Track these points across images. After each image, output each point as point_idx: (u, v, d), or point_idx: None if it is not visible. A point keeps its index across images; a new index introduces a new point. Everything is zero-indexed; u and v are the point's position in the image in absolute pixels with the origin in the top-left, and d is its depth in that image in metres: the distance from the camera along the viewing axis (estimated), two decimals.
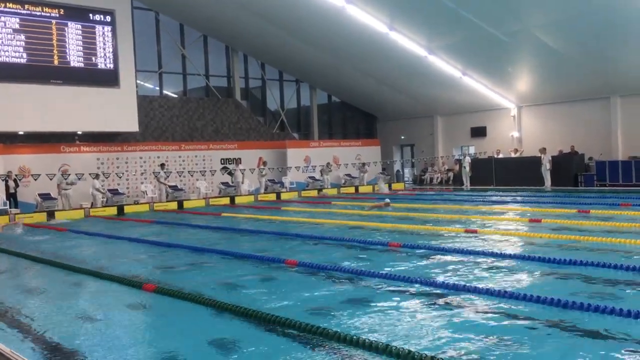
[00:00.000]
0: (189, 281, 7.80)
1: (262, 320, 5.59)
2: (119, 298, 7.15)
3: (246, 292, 7.08)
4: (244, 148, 25.39)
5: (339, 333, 4.93)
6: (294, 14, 22.83)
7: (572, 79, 22.94)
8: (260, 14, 23.52)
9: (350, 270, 7.81)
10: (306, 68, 29.09)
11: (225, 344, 5.09)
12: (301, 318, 5.44)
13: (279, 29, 24.47)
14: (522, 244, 9.66)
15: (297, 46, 25.81)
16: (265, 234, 12.35)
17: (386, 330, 5.18)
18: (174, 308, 6.50)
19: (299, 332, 5.16)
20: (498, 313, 5.59)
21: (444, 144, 30.22)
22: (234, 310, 5.96)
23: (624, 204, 14.79)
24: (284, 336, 5.17)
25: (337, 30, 23.03)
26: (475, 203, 17.26)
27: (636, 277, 6.79)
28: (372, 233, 11.61)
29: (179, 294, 6.90)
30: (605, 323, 5.07)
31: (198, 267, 8.99)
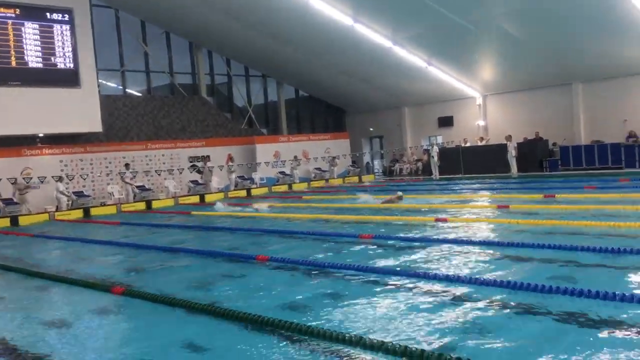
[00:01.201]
0: (159, 282, 7.64)
1: (235, 319, 5.48)
2: (86, 302, 6.95)
3: (218, 290, 6.96)
4: (212, 145, 25.11)
5: (315, 328, 4.87)
6: (257, 9, 22.61)
7: (534, 67, 23.31)
8: (224, 9, 23.25)
9: (322, 264, 7.76)
10: (272, 63, 28.89)
11: (198, 346, 4.97)
12: (275, 314, 5.36)
13: (243, 25, 24.22)
14: (492, 231, 9.77)
15: (263, 41, 25.59)
16: (237, 231, 12.23)
17: (361, 323, 5.14)
18: (143, 311, 6.34)
19: (274, 329, 5.08)
20: (471, 300, 5.60)
21: (412, 135, 30.43)
22: (206, 310, 5.86)
23: (588, 186, 15.10)
24: (259, 334, 5.09)
25: (302, 24, 22.91)
26: (444, 192, 17.41)
27: (602, 259, 6.90)
28: (342, 226, 11.60)
29: (148, 295, 6.75)
30: (573, 306, 5.12)
31: (168, 267, 8.82)
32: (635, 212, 10.26)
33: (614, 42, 20.12)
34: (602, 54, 21.08)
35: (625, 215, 10.00)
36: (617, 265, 6.51)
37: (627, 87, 22.29)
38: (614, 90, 22.71)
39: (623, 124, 21.94)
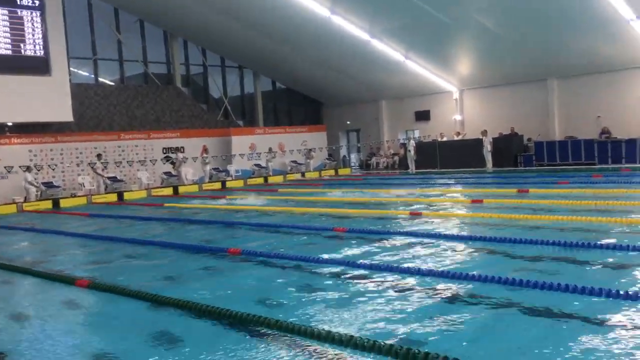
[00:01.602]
0: (128, 275, 7.47)
1: (204, 313, 5.34)
2: (50, 296, 6.74)
3: (187, 284, 6.81)
4: (187, 136, 24.76)
5: (286, 322, 4.76)
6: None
7: (511, 62, 23.44)
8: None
9: (295, 257, 7.64)
10: (249, 54, 28.57)
11: (165, 340, 4.82)
12: (245, 308, 5.24)
13: (219, 14, 23.89)
14: (465, 225, 9.76)
15: (239, 32, 25.28)
16: (210, 224, 12.04)
17: (333, 317, 5.04)
18: (110, 304, 6.17)
19: (243, 323, 4.95)
20: (444, 294, 5.54)
21: (389, 129, 30.43)
22: (174, 304, 5.70)
23: (561, 182, 15.23)
24: (227, 328, 4.96)
25: (279, 14, 22.67)
26: (420, 186, 17.40)
27: (574, 253, 6.91)
28: (317, 218, 11.49)
29: (115, 288, 6.55)
30: (543, 299, 5.10)
31: (137, 260, 8.62)
32: (606, 207, 10.34)
33: (589, 39, 20.32)
34: (577, 51, 21.29)
35: (597, 210, 10.07)
36: (587, 260, 6.52)
37: (601, 84, 22.55)
38: (588, 86, 22.97)
39: (597, 121, 22.20)
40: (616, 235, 7.80)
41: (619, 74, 21.99)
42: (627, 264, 6.25)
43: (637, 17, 18.11)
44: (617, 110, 22.07)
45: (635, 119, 21.29)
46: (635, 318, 4.55)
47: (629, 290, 5.07)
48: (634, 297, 4.91)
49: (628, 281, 5.60)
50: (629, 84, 21.97)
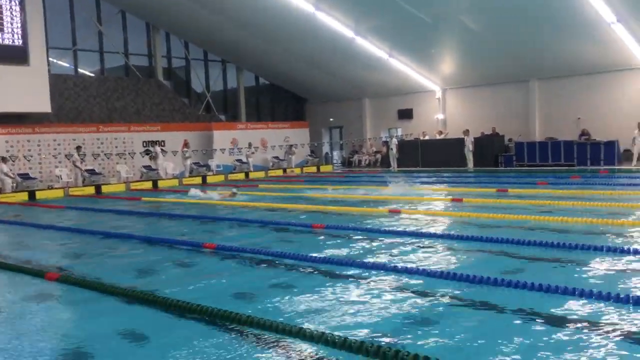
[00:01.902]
0: (101, 269, 7.36)
1: (177, 309, 5.24)
2: (18, 289, 6.58)
3: (161, 279, 6.71)
4: (168, 130, 24.50)
5: (258, 318, 4.67)
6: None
7: (493, 63, 23.55)
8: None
9: (272, 253, 7.56)
10: (232, 48, 28.34)
11: (137, 336, 4.73)
12: (220, 304, 5.15)
13: (203, 7, 23.64)
14: (444, 223, 9.75)
15: (223, 26, 25.05)
16: (188, 218, 11.90)
17: (310, 314, 4.98)
18: (81, 298, 6.02)
19: (217, 320, 4.86)
20: (420, 292, 5.51)
21: (372, 126, 30.43)
22: (146, 299, 5.59)
23: (540, 182, 15.33)
24: (202, 324, 4.87)
25: (263, 9, 22.49)
26: (401, 184, 17.38)
27: (552, 253, 6.92)
28: (296, 215, 11.42)
29: (87, 283, 6.42)
30: (520, 299, 5.08)
31: (112, 254, 8.47)
32: (584, 208, 10.41)
33: (571, 42, 20.49)
34: (558, 53, 21.46)
35: (575, 211, 10.13)
36: (566, 260, 6.53)
37: (581, 86, 22.76)
38: (569, 88, 23.18)
39: (576, 122, 22.41)
40: (594, 236, 7.84)
41: (600, 76, 22.21)
42: (606, 265, 6.27)
43: (618, 19, 18.27)
44: (596, 112, 22.30)
45: (615, 122, 21.53)
46: (617, 320, 4.55)
47: (610, 292, 5.07)
48: (614, 298, 4.91)
49: (606, 282, 5.62)
50: (609, 87, 22.20)
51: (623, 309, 4.72)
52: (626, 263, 6.27)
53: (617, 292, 5.03)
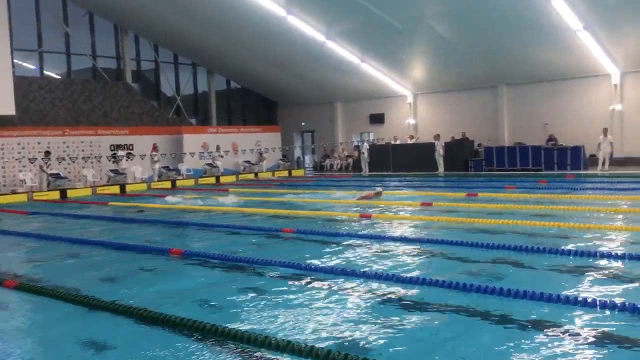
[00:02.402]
0: (63, 276, 7.13)
1: (142, 318, 5.08)
2: None
3: (126, 286, 6.52)
4: (137, 134, 24.06)
5: (222, 327, 4.56)
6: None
7: (463, 68, 23.81)
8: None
9: (240, 259, 7.43)
10: (203, 51, 28.07)
11: (99, 347, 4.55)
12: (185, 312, 5.02)
13: (172, 10, 23.36)
14: (414, 227, 9.74)
15: (192, 28, 24.78)
16: (155, 223, 11.65)
17: (278, 322, 4.88)
18: (40, 307, 5.84)
19: (183, 329, 4.72)
20: (390, 297, 5.46)
21: (344, 131, 30.46)
22: (109, 308, 5.41)
23: (509, 186, 15.50)
24: (165, 334, 4.73)
25: (234, 12, 22.32)
26: (372, 188, 17.38)
27: (520, 257, 6.95)
28: (266, 219, 11.29)
29: (46, 290, 6.19)
30: (487, 303, 5.06)
31: (75, 260, 8.23)
32: (551, 211, 10.53)
33: (538, 48, 20.83)
34: (526, 59, 21.80)
35: (542, 214, 10.23)
36: (533, 264, 6.56)
37: (548, 92, 23.16)
38: (536, 94, 23.56)
39: (544, 128, 22.78)
40: (560, 240, 7.91)
41: (567, 82, 22.64)
42: (572, 268, 6.31)
43: (584, 27, 18.64)
44: (563, 118, 22.71)
45: (581, 127, 21.93)
46: (581, 323, 4.55)
47: (576, 296, 5.09)
48: (581, 302, 4.93)
49: (573, 285, 5.64)
50: (575, 93, 22.63)
51: (591, 312, 4.74)
52: (593, 266, 6.33)
53: (580, 295, 5.06)
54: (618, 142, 21.05)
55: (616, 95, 21.77)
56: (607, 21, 18.56)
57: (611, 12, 17.93)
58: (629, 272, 6.02)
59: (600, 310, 4.77)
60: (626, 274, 5.96)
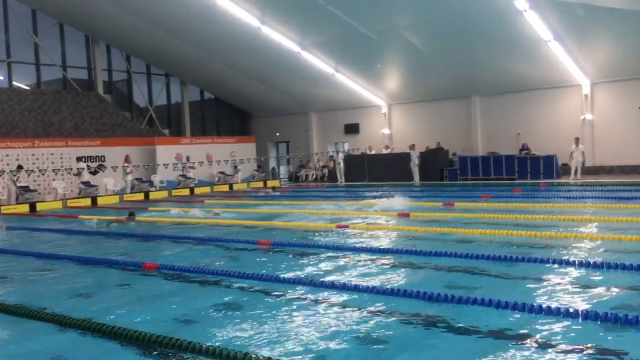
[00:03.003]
0: (32, 293, 6.89)
1: (114, 335, 4.90)
2: None
3: (98, 302, 6.32)
4: (108, 145, 23.65)
5: (199, 345, 4.40)
6: (160, 4, 21.62)
7: (437, 79, 24.02)
8: (122, 2, 22.01)
9: (216, 272, 7.27)
10: (176, 62, 27.79)
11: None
12: (160, 329, 4.87)
13: (144, 20, 23.10)
14: (392, 238, 9.69)
15: (165, 39, 24.51)
16: (127, 237, 11.38)
17: (255, 338, 4.76)
18: (9, 325, 5.61)
19: (157, 346, 4.55)
20: (368, 309, 5.37)
21: (319, 141, 30.43)
22: (81, 325, 5.21)
23: (484, 196, 15.59)
24: (141, 352, 4.56)
25: (207, 22, 22.14)
26: (348, 199, 17.36)
27: (497, 267, 6.93)
28: (242, 232, 11.11)
29: (15, 308, 5.95)
30: (463, 313, 5.01)
31: (45, 276, 7.96)
32: (525, 221, 10.58)
33: (511, 59, 21.13)
34: (499, 69, 22.10)
35: (517, 224, 10.28)
36: (510, 274, 6.54)
37: (521, 102, 23.48)
38: (509, 104, 23.87)
39: (517, 137, 23.05)
40: (535, 249, 7.93)
41: (538, 92, 22.99)
42: (547, 277, 6.31)
43: (554, 38, 18.97)
44: (536, 127, 23.02)
45: (553, 137, 22.26)
46: (553, 333, 4.52)
47: (549, 305, 5.07)
48: (554, 312, 4.90)
49: (546, 295, 5.63)
50: (546, 103, 22.99)
51: (565, 321, 4.71)
52: (567, 275, 6.34)
53: (554, 304, 5.04)
54: (589, 151, 21.42)
55: (587, 105, 22.17)
56: (577, 32, 18.92)
57: (581, 23, 18.28)
58: (600, 280, 6.05)
59: (574, 320, 4.75)
60: (597, 282, 5.99)
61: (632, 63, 20.03)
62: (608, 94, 21.85)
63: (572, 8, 17.24)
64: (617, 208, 11.91)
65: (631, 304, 5.16)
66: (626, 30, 18.13)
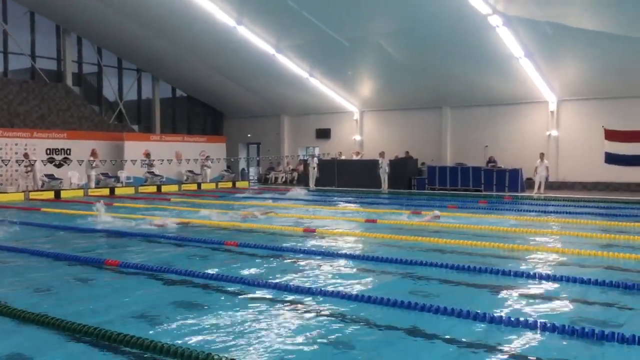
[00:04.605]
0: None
1: (74, 332, 4.81)
2: None
3: (58, 298, 6.19)
4: (75, 138, 23.20)
5: (164, 344, 4.34)
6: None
7: (409, 88, 24.29)
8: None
9: (180, 271, 7.19)
10: (148, 57, 27.47)
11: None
12: (120, 327, 4.78)
13: (118, 13, 22.76)
14: (358, 244, 9.74)
15: (139, 33, 24.20)
16: (91, 232, 11.17)
17: (218, 338, 4.72)
18: None
19: (119, 345, 4.48)
20: (332, 314, 5.39)
21: (290, 144, 30.42)
22: (40, 321, 5.10)
23: (451, 206, 15.80)
24: (102, 349, 4.49)
25: (183, 20, 21.99)
26: (317, 203, 17.39)
27: (459, 276, 7.03)
28: (209, 232, 11.02)
29: None
30: (426, 321, 5.08)
31: (3, 270, 7.74)
32: (490, 232, 10.77)
33: (482, 73, 21.53)
34: (470, 83, 22.48)
35: (482, 234, 10.45)
36: (473, 283, 6.64)
37: (490, 116, 23.93)
38: (478, 117, 24.30)
39: (484, 150, 23.46)
40: (499, 260, 8.07)
41: (507, 107, 23.47)
42: (510, 288, 6.43)
43: (525, 55, 19.39)
44: (503, 141, 23.48)
45: (519, 151, 22.73)
46: (515, 344, 4.61)
47: (510, 316, 5.16)
48: (514, 323, 4.99)
49: (507, 305, 5.74)
50: (514, 118, 23.48)
51: (524, 332, 4.81)
52: (527, 286, 6.47)
53: (514, 315, 5.14)
54: (553, 167, 21.94)
55: (553, 122, 22.72)
56: (546, 50, 19.39)
57: (550, 42, 18.74)
58: (557, 293, 6.20)
59: (533, 331, 4.85)
60: (554, 294, 6.14)
61: (598, 82, 20.64)
62: (573, 112, 22.43)
63: (542, 26, 17.66)
64: (577, 223, 12.21)
65: (587, 317, 5.30)
66: (594, 50, 18.68)
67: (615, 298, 5.95)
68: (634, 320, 5.26)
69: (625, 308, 5.62)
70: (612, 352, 4.41)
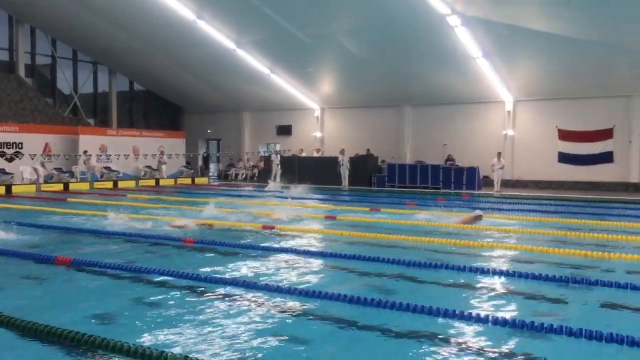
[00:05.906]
0: None
1: (24, 330, 4.68)
2: None
3: (7, 295, 5.96)
4: (27, 131, 22.45)
5: (114, 342, 4.24)
6: None
7: (369, 86, 24.43)
8: None
9: (136, 269, 7.04)
10: (105, 50, 26.80)
11: None
12: (72, 325, 4.67)
13: (73, 4, 22.10)
14: (317, 240, 9.75)
15: (95, 25, 23.57)
16: (42, 228, 10.83)
17: (174, 337, 4.64)
18: None
19: (70, 342, 4.37)
20: (290, 311, 5.38)
21: (251, 140, 30.23)
22: None
23: (409, 203, 15.99)
24: (53, 347, 4.37)
25: (141, 11, 21.57)
26: (277, 199, 17.31)
27: (418, 272, 7.11)
28: (165, 228, 10.82)
29: None
30: (382, 317, 5.11)
31: None
32: (447, 229, 10.94)
33: (441, 72, 21.83)
34: (429, 81, 22.77)
35: (439, 232, 10.60)
36: (432, 280, 6.73)
37: (448, 114, 24.31)
38: (437, 115, 24.65)
39: (443, 148, 23.83)
40: (458, 256, 8.20)
41: (465, 106, 23.88)
42: (467, 284, 6.54)
43: (483, 55, 19.76)
44: (461, 139, 23.89)
45: (477, 150, 23.17)
46: (472, 338, 4.68)
47: (469, 311, 5.25)
48: (466, 317, 5.08)
49: (464, 300, 5.83)
50: (472, 117, 23.92)
51: (480, 327, 4.90)
52: (481, 281, 6.60)
53: (471, 310, 5.23)
54: (509, 165, 22.45)
55: (509, 122, 23.24)
56: (503, 51, 19.81)
57: (506, 42, 19.16)
58: (509, 287, 6.35)
59: (490, 326, 4.94)
60: (506, 289, 6.28)
61: (551, 83, 21.22)
62: (529, 112, 23.00)
63: (499, 27, 18.03)
64: (531, 220, 12.52)
65: (537, 310, 5.44)
66: (546, 52, 19.20)
67: (564, 292, 6.12)
68: (580, 313, 5.42)
69: (574, 302, 5.80)
70: (560, 343, 4.54)
